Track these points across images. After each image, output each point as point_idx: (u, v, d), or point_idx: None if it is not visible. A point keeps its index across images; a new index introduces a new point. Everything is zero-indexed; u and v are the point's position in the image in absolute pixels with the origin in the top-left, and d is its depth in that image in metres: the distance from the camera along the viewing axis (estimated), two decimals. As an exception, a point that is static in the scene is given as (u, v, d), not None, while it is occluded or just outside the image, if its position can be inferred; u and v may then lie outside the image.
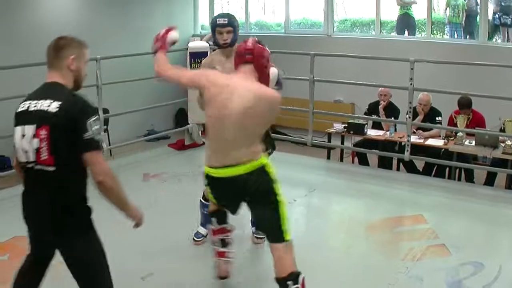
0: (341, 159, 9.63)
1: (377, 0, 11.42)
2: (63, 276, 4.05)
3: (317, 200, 7.16)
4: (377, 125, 9.43)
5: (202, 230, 5.55)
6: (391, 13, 11.55)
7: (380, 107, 9.16)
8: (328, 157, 9.36)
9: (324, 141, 9.72)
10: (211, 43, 9.51)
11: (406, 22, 11.43)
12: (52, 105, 3.29)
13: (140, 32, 12.70)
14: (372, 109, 9.37)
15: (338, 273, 5.02)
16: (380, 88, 9.13)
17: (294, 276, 4.04)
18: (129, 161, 8.65)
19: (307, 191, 7.25)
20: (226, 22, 5.39)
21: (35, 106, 3.35)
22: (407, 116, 7.96)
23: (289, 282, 4.01)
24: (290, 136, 11.09)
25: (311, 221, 6.54)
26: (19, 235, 5.50)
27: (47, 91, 3.44)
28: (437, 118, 8.65)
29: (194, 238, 5.57)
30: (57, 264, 3.79)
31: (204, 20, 14.55)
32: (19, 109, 3.47)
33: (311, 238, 5.85)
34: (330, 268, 5.08)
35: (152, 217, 6.02)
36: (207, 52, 8.98)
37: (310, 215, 6.80)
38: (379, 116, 9.13)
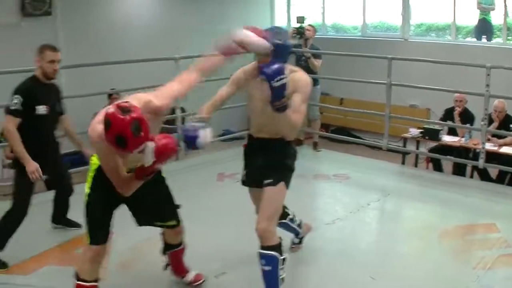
0: (416, 165, 9.62)
1: (454, 4, 11.35)
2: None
3: (391, 205, 7.21)
4: (452, 131, 9.43)
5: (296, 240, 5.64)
6: (467, 18, 11.47)
7: (455, 113, 9.14)
8: (403, 162, 9.41)
9: (399, 146, 9.76)
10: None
11: (484, 28, 11.32)
12: None
13: (216, 32, 12.89)
14: (448, 114, 9.34)
15: (409, 279, 5.08)
16: (456, 94, 9.13)
17: None
18: (204, 161, 8.82)
19: (381, 195, 7.31)
20: None
21: None
22: (482, 123, 7.95)
23: None
24: (365, 139, 11.15)
25: (384, 226, 6.63)
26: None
27: None
28: (511, 126, 8.57)
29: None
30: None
31: (281, 23, 14.67)
32: None
33: (383, 243, 5.99)
34: (402, 274, 5.15)
35: (225, 217, 6.30)
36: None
37: (383, 220, 6.88)
38: (454, 122, 9.13)
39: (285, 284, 4.88)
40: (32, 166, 5.24)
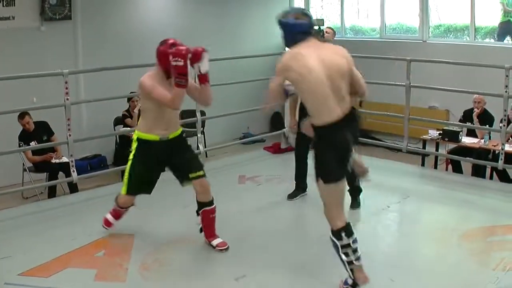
0: (435, 166, 9.61)
1: (472, 5, 11.31)
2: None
3: (410, 207, 7.18)
4: (471, 133, 9.41)
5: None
6: (485, 19, 11.43)
7: (474, 115, 9.13)
8: (423, 164, 9.41)
9: (419, 148, 9.75)
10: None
11: (507, 29, 11.28)
12: None
13: (235, 35, 12.96)
14: (467, 116, 9.33)
15: (429, 281, 5.08)
16: (475, 95, 9.11)
17: None
18: (225, 163, 8.90)
19: (401, 197, 7.28)
20: None
21: None
22: (501, 124, 7.95)
23: None
24: (384, 141, 11.14)
25: (403, 228, 6.62)
26: (114, 232, 5.86)
27: None
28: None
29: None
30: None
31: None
32: None
33: (403, 245, 5.99)
34: (421, 276, 5.15)
35: (246, 220, 6.33)
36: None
37: (403, 222, 6.86)
38: (473, 124, 9.11)
39: (305, 284, 4.94)
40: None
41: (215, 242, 5.63)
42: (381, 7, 12.90)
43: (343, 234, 4.60)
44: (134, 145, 5.49)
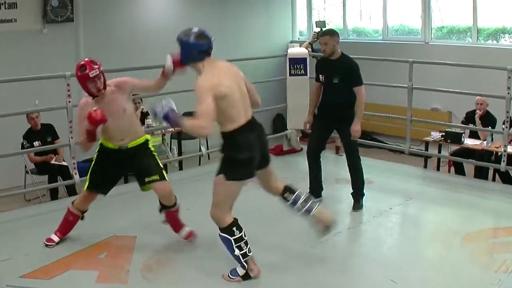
0: (438, 168, 9.59)
1: (474, 7, 11.29)
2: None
3: (413, 209, 7.20)
4: (473, 135, 9.41)
5: None
6: (488, 21, 11.40)
7: (476, 116, 9.12)
8: (425, 166, 9.42)
9: (421, 150, 9.73)
10: (309, 49, 9.68)
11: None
12: None
13: (238, 36, 12.96)
14: (469, 118, 9.32)
15: (431, 282, 5.09)
16: (477, 97, 9.11)
17: None
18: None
19: (403, 199, 7.29)
20: None
21: None
22: (503, 126, 7.94)
23: None
24: (387, 143, 11.13)
25: (406, 230, 6.62)
26: (118, 234, 5.86)
27: None
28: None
29: None
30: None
31: (302, 26, 14.72)
32: None
33: (405, 247, 5.98)
34: (423, 278, 5.15)
35: (249, 223, 6.31)
36: (306, 58, 9.11)
37: (405, 224, 6.86)
38: (476, 125, 9.11)
39: (308, 286, 4.95)
40: None
41: (183, 232, 5.93)
42: (383, 8, 12.89)
43: (234, 229, 4.95)
44: (98, 148, 5.83)
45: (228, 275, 5.11)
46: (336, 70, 6.68)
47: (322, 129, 6.98)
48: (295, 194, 5.29)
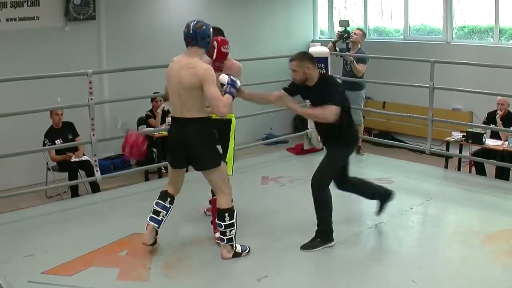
0: (459, 168, 9.55)
1: (496, 6, 11.22)
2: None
3: (434, 209, 7.17)
4: (495, 135, 9.36)
5: None
6: (510, 20, 11.30)
7: (497, 117, 9.08)
8: (446, 166, 9.38)
9: (442, 150, 9.69)
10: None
11: None
12: None
13: (258, 36, 12.96)
14: (490, 118, 9.28)
15: (450, 283, 5.09)
16: (498, 97, 9.07)
17: None
18: (248, 164, 8.89)
19: (424, 199, 7.27)
20: None
21: None
22: (525, 126, 7.91)
23: None
24: (408, 143, 11.09)
25: (426, 230, 6.60)
26: (139, 232, 5.88)
27: None
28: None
29: None
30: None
31: (323, 25, 14.69)
32: None
33: (426, 247, 5.96)
34: (443, 278, 5.15)
35: (270, 220, 6.35)
36: (327, 57, 9.08)
37: (426, 224, 6.84)
38: (497, 126, 9.06)
39: (328, 286, 4.95)
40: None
41: (217, 234, 5.74)
42: (405, 8, 12.82)
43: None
44: (234, 124, 5.97)
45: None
46: (317, 97, 5.66)
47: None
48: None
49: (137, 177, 9.48)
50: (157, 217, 5.43)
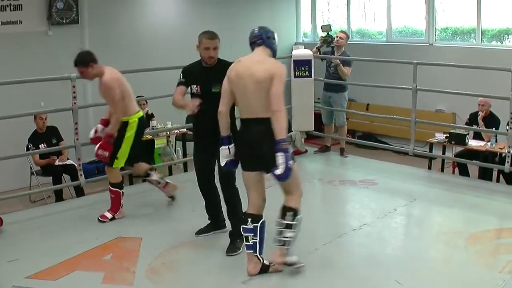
0: (442, 169, 9.58)
1: (478, 8, 11.29)
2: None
3: (418, 210, 7.20)
4: (477, 136, 9.41)
5: None
6: (492, 22, 11.40)
7: (479, 118, 9.13)
8: (429, 167, 9.43)
9: (426, 151, 9.72)
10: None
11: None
12: None
13: (243, 39, 12.96)
14: (473, 119, 9.32)
15: (435, 283, 5.10)
16: (479, 98, 9.10)
17: None
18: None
19: (408, 201, 7.29)
20: None
21: None
22: (507, 127, 7.95)
23: None
24: (391, 145, 11.13)
25: (410, 231, 6.63)
26: (123, 235, 5.88)
27: None
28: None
29: None
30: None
31: (306, 28, 14.73)
32: None
33: (410, 248, 5.99)
34: (428, 279, 5.16)
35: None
36: (310, 60, 9.08)
37: (410, 225, 6.87)
38: (479, 126, 9.11)
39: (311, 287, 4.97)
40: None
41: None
42: (387, 10, 12.90)
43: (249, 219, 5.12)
44: (135, 125, 6.70)
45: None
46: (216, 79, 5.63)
47: None
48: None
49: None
50: (248, 243, 5.15)
